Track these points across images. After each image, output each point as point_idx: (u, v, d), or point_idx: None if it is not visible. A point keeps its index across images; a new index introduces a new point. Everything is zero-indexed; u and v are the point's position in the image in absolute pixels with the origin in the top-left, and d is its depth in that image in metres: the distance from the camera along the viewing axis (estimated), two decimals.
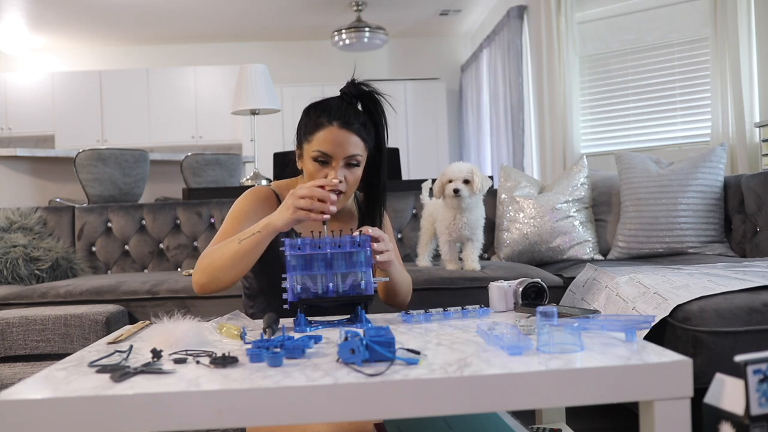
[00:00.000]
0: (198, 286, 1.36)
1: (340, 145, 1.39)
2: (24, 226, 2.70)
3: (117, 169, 3.70)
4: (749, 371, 0.81)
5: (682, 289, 1.53)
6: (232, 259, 1.32)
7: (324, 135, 1.40)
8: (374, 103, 1.46)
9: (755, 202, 2.34)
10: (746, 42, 3.32)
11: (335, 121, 1.40)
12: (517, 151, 5.10)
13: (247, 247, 1.31)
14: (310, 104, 1.47)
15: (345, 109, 1.42)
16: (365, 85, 1.46)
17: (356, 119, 1.42)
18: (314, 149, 1.41)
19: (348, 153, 1.40)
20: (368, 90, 1.45)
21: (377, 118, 1.46)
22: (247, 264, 1.34)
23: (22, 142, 6.74)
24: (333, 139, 1.39)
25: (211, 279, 1.35)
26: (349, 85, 1.46)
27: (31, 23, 6.36)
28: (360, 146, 1.42)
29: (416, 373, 0.85)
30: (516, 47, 5.10)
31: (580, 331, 0.95)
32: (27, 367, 1.90)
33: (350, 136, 1.40)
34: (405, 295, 1.51)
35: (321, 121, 1.41)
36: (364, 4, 6.08)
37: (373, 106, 1.46)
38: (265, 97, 3.67)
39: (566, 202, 2.55)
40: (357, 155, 1.42)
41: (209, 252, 1.38)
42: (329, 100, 1.45)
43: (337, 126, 1.39)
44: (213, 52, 7.27)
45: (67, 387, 0.85)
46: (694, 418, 0.86)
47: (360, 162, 1.44)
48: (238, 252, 1.32)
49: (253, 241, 1.31)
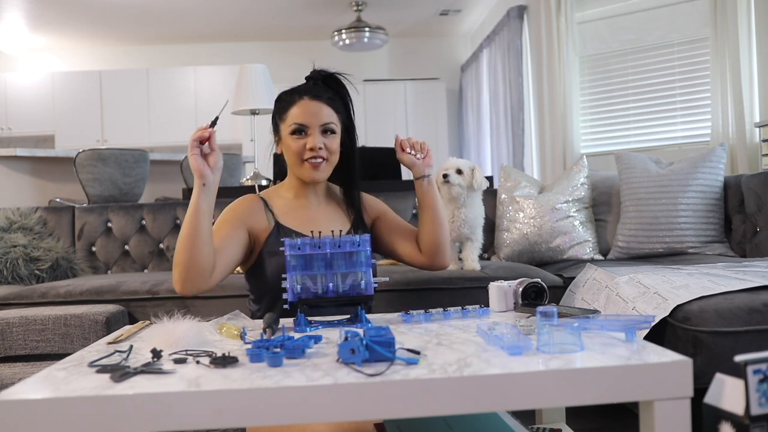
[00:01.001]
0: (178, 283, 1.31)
1: (314, 114, 1.47)
2: (24, 226, 2.70)
3: (117, 169, 3.70)
4: (749, 371, 0.81)
5: (682, 289, 1.53)
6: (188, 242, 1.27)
7: (297, 109, 1.48)
8: (337, 82, 1.56)
9: (755, 202, 2.34)
10: (746, 42, 3.32)
11: (306, 95, 1.49)
12: (517, 151, 5.10)
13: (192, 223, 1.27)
14: (279, 93, 1.56)
15: (313, 86, 1.52)
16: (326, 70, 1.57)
17: (324, 93, 1.51)
18: (290, 124, 1.48)
19: (323, 120, 1.48)
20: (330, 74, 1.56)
21: (343, 93, 1.56)
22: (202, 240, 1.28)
23: (22, 142, 6.73)
24: (306, 110, 1.47)
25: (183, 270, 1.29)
26: (312, 71, 1.57)
27: (31, 23, 6.36)
28: (333, 116, 1.50)
29: (416, 373, 0.85)
30: (516, 47, 5.10)
31: (580, 331, 0.95)
32: (27, 367, 1.90)
33: (322, 107, 1.48)
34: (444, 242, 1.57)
35: (292, 98, 1.50)
36: (364, 4, 6.08)
37: (336, 84, 1.56)
38: (265, 97, 3.67)
39: (566, 202, 2.55)
40: (331, 122, 1.49)
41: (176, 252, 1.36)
42: (296, 86, 1.55)
43: (308, 98, 1.48)
44: (213, 52, 7.26)
45: (67, 387, 0.85)
46: (694, 418, 0.86)
47: (336, 130, 1.51)
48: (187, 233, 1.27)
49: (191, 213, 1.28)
